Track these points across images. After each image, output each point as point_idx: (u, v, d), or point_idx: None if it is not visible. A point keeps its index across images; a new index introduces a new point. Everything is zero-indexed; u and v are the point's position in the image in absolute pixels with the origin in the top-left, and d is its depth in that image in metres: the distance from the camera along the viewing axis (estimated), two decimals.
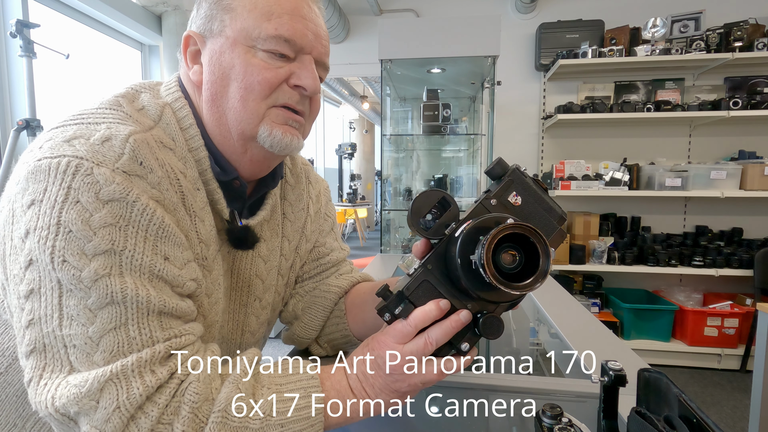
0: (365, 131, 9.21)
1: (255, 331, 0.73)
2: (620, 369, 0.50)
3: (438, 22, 2.32)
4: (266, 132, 0.58)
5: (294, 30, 0.57)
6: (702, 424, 0.38)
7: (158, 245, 0.49)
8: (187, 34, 0.59)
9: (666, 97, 3.05)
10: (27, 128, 2.01)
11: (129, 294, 0.45)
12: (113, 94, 0.56)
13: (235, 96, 0.57)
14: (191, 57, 0.60)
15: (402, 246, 2.74)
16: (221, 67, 0.57)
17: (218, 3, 0.58)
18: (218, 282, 0.61)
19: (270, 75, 0.57)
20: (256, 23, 0.56)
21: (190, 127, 0.58)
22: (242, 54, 0.56)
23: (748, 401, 1.84)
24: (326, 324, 0.80)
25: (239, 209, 0.65)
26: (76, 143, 0.47)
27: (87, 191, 0.45)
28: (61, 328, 0.45)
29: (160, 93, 0.60)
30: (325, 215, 0.84)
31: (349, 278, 0.81)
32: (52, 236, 0.44)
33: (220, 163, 0.60)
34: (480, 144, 2.79)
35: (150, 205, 0.48)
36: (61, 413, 0.44)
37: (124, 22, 3.01)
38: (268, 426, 0.48)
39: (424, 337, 0.50)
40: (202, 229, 0.57)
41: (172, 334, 0.48)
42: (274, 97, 0.58)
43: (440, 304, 0.50)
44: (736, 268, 2.79)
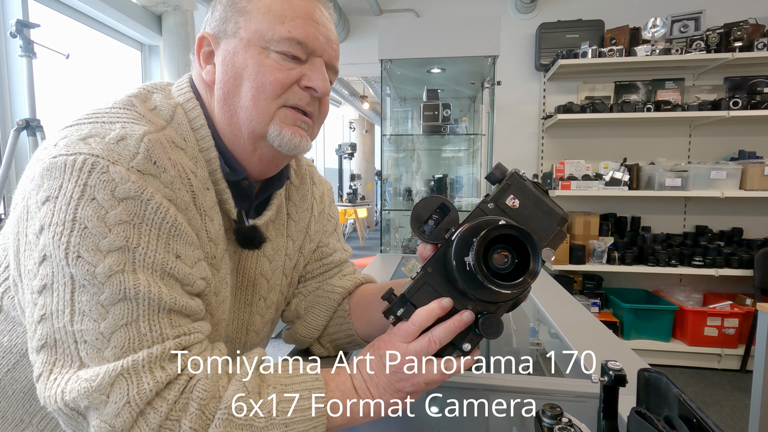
0: (365, 131, 9.21)
1: (259, 331, 0.74)
2: (620, 369, 0.50)
3: (438, 22, 2.32)
4: (276, 132, 0.59)
5: (307, 33, 0.58)
6: (702, 424, 0.38)
7: (170, 243, 0.49)
8: (202, 35, 0.61)
9: (666, 97, 3.05)
10: (27, 128, 2.01)
11: (141, 291, 0.46)
12: (126, 94, 0.57)
13: (247, 95, 0.58)
14: (204, 57, 0.61)
15: (402, 246, 2.74)
16: (234, 67, 0.58)
17: (233, 6, 0.59)
18: (226, 281, 0.62)
19: (282, 76, 0.58)
20: (270, 25, 0.57)
21: (201, 128, 0.58)
22: (255, 55, 0.58)
23: (748, 401, 1.84)
24: (329, 324, 0.80)
25: (246, 209, 0.66)
26: (92, 141, 0.47)
27: (103, 189, 0.45)
28: (72, 324, 0.45)
29: (172, 93, 0.61)
30: (328, 216, 0.84)
31: (353, 279, 0.81)
32: (67, 232, 0.45)
33: (229, 164, 0.61)
34: (480, 144, 2.79)
35: (163, 203, 0.49)
36: (70, 407, 0.44)
37: (124, 22, 3.01)
38: (272, 425, 0.48)
39: (428, 336, 0.51)
40: (212, 228, 0.58)
41: (182, 332, 0.49)
42: (284, 97, 0.59)
43: (443, 303, 0.51)
44: (736, 268, 2.79)
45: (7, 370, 0.58)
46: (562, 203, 3.32)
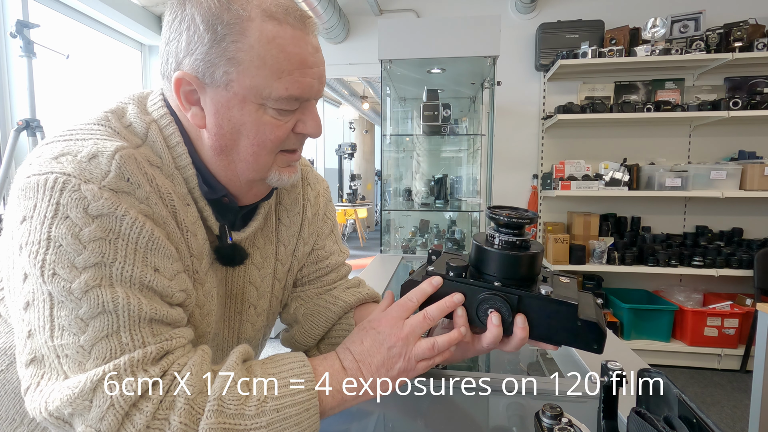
0: (365, 131, 9.21)
1: (251, 338, 0.74)
2: (620, 369, 0.50)
3: (438, 22, 2.31)
4: (275, 177, 0.61)
5: (303, 87, 0.56)
6: (702, 424, 0.38)
7: (148, 257, 0.50)
8: (180, 77, 0.54)
9: (666, 97, 3.05)
10: (27, 128, 2.01)
11: (120, 303, 0.46)
12: (103, 110, 0.56)
13: (247, 150, 0.57)
14: (186, 97, 0.56)
15: (402, 246, 2.74)
16: (231, 123, 0.56)
17: (220, 49, 0.53)
18: (211, 294, 0.62)
19: (281, 132, 0.58)
20: (266, 82, 0.54)
21: (177, 145, 0.57)
22: (253, 112, 0.55)
23: (748, 401, 1.84)
24: (332, 334, 0.79)
25: (232, 221, 0.66)
26: (64, 160, 0.48)
27: (75, 207, 0.46)
28: (53, 339, 0.46)
29: (147, 107, 0.59)
30: (324, 217, 0.83)
31: (357, 295, 0.80)
32: (42, 250, 0.45)
33: (208, 182, 0.60)
34: (480, 144, 2.79)
35: (139, 218, 0.49)
36: (55, 416, 0.45)
37: (124, 22, 3.01)
38: (263, 411, 0.49)
39: (423, 313, 0.57)
40: (194, 243, 0.58)
41: (163, 338, 0.50)
42: (282, 145, 0.59)
43: (432, 281, 0.59)
44: (736, 269, 2.79)
45: (0, 370, 0.59)
46: (562, 203, 3.34)
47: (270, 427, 0.49)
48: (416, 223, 2.91)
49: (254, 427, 0.48)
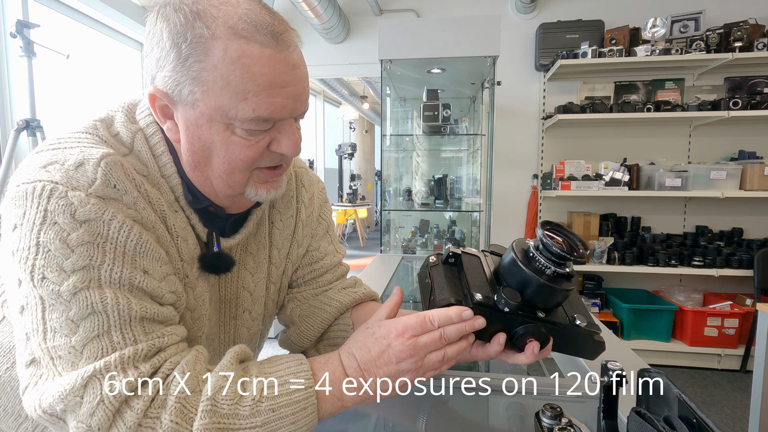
0: (365, 131, 9.20)
1: (247, 342, 0.74)
2: (620, 369, 0.50)
3: (438, 22, 2.31)
4: (252, 192, 0.60)
5: (273, 107, 0.53)
6: (702, 424, 0.38)
7: (137, 260, 0.50)
8: (153, 93, 0.54)
9: (666, 97, 3.05)
10: (27, 128, 2.01)
11: (110, 303, 0.47)
12: (92, 118, 0.57)
13: (219, 168, 0.56)
14: (161, 111, 0.56)
15: (402, 246, 2.74)
16: (201, 140, 0.55)
17: (185, 67, 0.51)
18: (203, 299, 0.62)
19: (252, 152, 0.55)
20: (232, 103, 0.51)
21: (162, 155, 0.57)
22: (221, 131, 0.53)
23: (748, 401, 1.84)
24: (330, 334, 0.78)
25: (222, 227, 0.65)
26: (51, 168, 0.49)
27: (63, 213, 0.47)
28: (46, 341, 0.47)
29: (135, 116, 0.59)
30: (318, 218, 0.81)
31: (353, 295, 0.79)
32: (32, 256, 0.47)
33: (192, 192, 0.60)
34: (480, 144, 2.78)
35: (126, 222, 0.50)
36: (48, 413, 0.46)
37: (124, 22, 3.01)
38: (258, 411, 0.48)
39: (441, 333, 0.54)
40: (185, 248, 0.59)
41: (155, 336, 0.50)
42: (256, 163, 0.58)
43: (464, 315, 0.54)
44: (736, 269, 2.79)
45: (6, 368, 0.61)
46: (562, 203, 3.33)
47: (266, 426, 0.48)
48: (416, 223, 2.91)
49: (249, 427, 0.48)
